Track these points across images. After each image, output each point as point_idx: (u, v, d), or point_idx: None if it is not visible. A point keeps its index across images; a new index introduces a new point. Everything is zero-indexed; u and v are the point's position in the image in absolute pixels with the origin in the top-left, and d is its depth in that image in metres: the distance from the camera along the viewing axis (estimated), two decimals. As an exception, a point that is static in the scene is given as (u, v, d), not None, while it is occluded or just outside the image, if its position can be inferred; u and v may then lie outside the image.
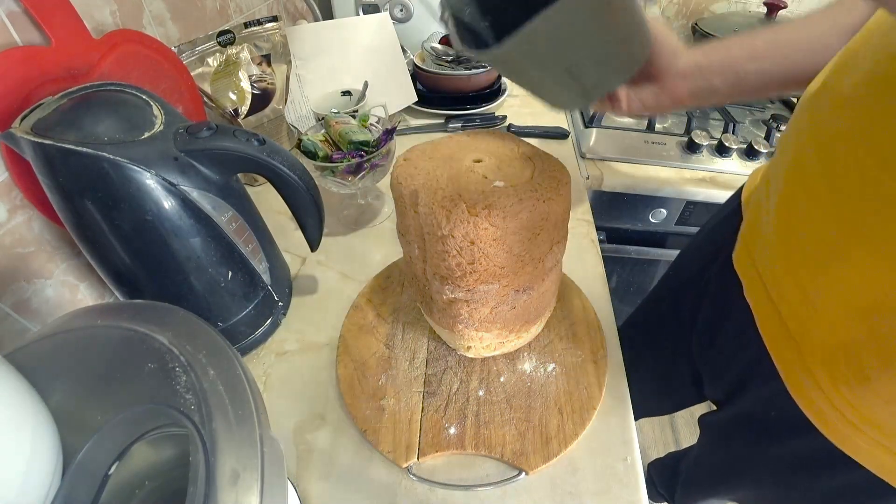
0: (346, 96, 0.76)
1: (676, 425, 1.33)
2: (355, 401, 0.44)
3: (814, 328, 0.35)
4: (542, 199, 0.35)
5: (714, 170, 0.85)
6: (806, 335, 0.36)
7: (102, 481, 0.24)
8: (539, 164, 0.38)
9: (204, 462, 0.20)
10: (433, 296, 0.41)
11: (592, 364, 0.46)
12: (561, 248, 0.41)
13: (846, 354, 0.33)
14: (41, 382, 0.23)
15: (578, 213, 0.66)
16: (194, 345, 0.25)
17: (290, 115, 0.78)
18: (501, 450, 0.40)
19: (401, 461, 0.39)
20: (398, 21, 1.00)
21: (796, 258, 0.36)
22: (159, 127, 0.39)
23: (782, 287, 0.38)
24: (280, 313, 0.52)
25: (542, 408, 0.43)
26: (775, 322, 0.39)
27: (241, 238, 0.44)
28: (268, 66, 0.69)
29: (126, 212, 0.37)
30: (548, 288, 0.42)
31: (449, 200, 0.34)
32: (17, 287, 0.43)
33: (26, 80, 0.41)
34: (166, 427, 0.24)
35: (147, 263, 0.41)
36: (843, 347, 0.33)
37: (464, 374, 0.46)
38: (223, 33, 0.63)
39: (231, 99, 0.65)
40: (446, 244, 0.35)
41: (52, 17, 0.43)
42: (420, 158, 0.40)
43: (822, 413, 0.36)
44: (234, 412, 0.22)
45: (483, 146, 0.42)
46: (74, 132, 0.35)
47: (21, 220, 0.43)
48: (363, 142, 0.57)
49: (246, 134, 0.41)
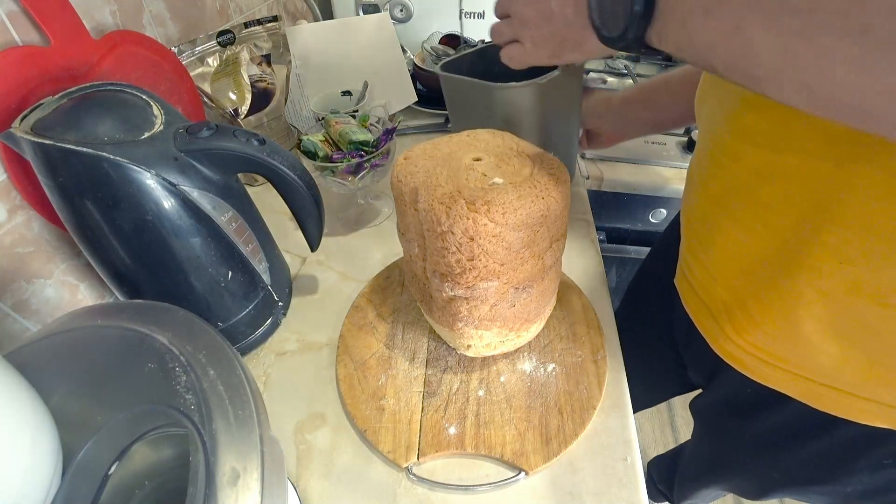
0: (346, 96, 0.76)
1: (676, 425, 1.33)
2: (355, 401, 0.44)
3: (714, 290, 0.43)
4: (542, 196, 0.35)
5: (714, 170, 0.85)
6: (710, 299, 0.44)
7: (102, 481, 0.24)
8: (538, 163, 0.39)
9: (204, 462, 0.20)
10: (433, 294, 0.41)
11: (592, 364, 0.46)
12: (560, 245, 0.41)
13: (738, 305, 0.40)
14: (41, 382, 0.23)
15: (578, 213, 0.66)
16: (194, 345, 0.25)
17: (290, 115, 0.78)
18: (501, 450, 0.40)
19: (401, 461, 0.39)
20: (398, 21, 1.00)
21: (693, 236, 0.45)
22: (159, 127, 0.39)
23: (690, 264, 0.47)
24: (280, 313, 0.52)
25: (542, 408, 0.43)
26: (692, 294, 0.47)
27: (241, 238, 0.44)
28: (268, 66, 0.69)
29: (126, 212, 0.37)
30: (547, 286, 0.42)
31: (448, 197, 0.34)
32: (16, 287, 0.43)
33: (26, 80, 0.41)
34: (166, 427, 0.24)
35: (147, 263, 0.41)
36: (735, 302, 0.40)
37: (464, 374, 0.46)
38: (223, 33, 0.63)
39: (231, 99, 0.65)
40: (446, 241, 0.35)
41: (52, 17, 0.43)
42: (420, 157, 0.40)
43: (739, 359, 0.42)
44: (234, 412, 0.22)
45: (482, 145, 0.42)
46: (74, 132, 0.35)
47: (21, 221, 0.43)
48: (363, 142, 0.57)
49: (246, 134, 0.41)
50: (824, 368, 0.36)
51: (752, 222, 0.36)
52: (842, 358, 0.34)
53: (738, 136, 0.36)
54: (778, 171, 0.33)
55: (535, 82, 0.49)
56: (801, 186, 0.31)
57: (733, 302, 0.41)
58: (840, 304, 0.33)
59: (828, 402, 0.38)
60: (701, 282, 0.45)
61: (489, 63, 0.64)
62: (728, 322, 0.42)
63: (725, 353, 0.43)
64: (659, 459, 1.00)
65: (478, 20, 1.01)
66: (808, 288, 0.34)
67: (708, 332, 0.45)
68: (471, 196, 0.34)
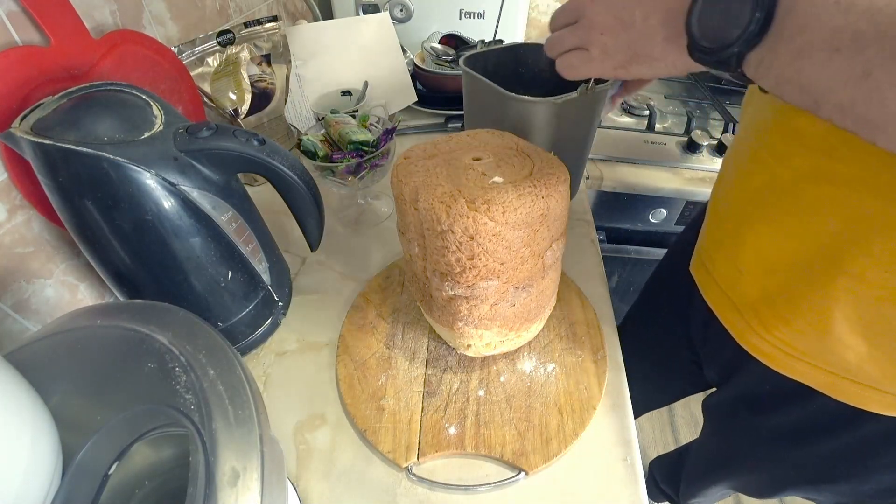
0: (346, 96, 0.76)
1: (676, 425, 1.33)
2: (355, 401, 0.44)
3: (740, 286, 0.43)
4: (541, 196, 0.35)
5: (714, 170, 0.85)
6: (735, 294, 0.44)
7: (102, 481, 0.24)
8: (538, 162, 0.39)
9: (204, 462, 0.20)
10: (433, 293, 0.41)
11: (592, 364, 0.46)
12: (560, 245, 0.41)
13: (767, 303, 0.41)
14: (41, 382, 0.23)
15: (578, 213, 0.66)
16: (194, 345, 0.25)
17: (290, 115, 0.78)
18: (501, 450, 0.40)
19: (400, 461, 0.39)
20: (398, 21, 1.00)
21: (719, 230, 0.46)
22: (159, 127, 0.39)
23: (713, 256, 0.47)
24: (280, 313, 0.52)
25: (542, 408, 0.43)
26: (713, 286, 0.47)
27: (241, 238, 0.44)
28: (268, 66, 0.69)
29: (126, 212, 0.37)
30: (547, 286, 0.42)
31: (448, 196, 0.34)
32: (16, 287, 0.43)
33: (26, 80, 0.41)
34: (166, 427, 0.24)
35: (147, 263, 0.41)
36: (764, 299, 0.41)
37: (464, 374, 0.46)
38: (223, 33, 0.63)
39: (231, 99, 0.65)
40: (446, 239, 0.35)
41: (52, 17, 0.43)
42: (420, 157, 0.40)
43: (765, 352, 0.43)
44: (234, 412, 0.22)
45: (482, 145, 0.42)
46: (74, 132, 0.35)
47: (21, 220, 0.43)
48: (363, 142, 0.57)
49: (246, 134, 0.41)
50: (849, 364, 0.36)
51: (790, 224, 0.36)
52: (869, 356, 0.35)
53: (786, 136, 0.35)
54: (826, 175, 0.32)
55: (550, 100, 0.47)
56: (851, 194, 0.31)
57: (761, 299, 0.41)
58: (878, 308, 0.33)
59: (852, 394, 0.38)
60: (725, 276, 0.45)
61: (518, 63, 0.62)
62: (755, 317, 0.42)
63: (751, 346, 0.44)
64: (662, 459, 0.99)
65: (478, 20, 1.01)
66: (846, 292, 0.34)
67: (732, 325, 0.45)
68: (471, 195, 0.34)
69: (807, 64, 0.23)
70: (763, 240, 0.39)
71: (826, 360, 0.38)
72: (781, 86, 0.25)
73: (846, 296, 0.34)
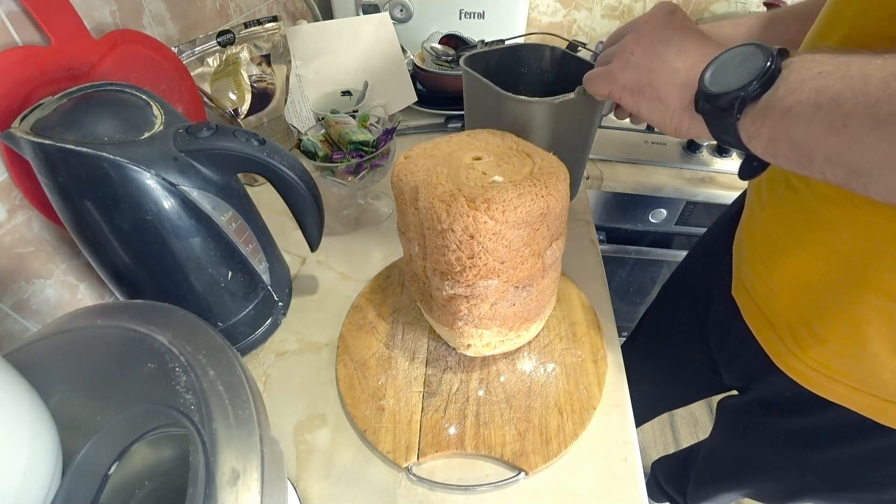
0: (346, 96, 0.76)
1: (676, 425, 1.33)
2: (355, 401, 0.44)
3: (776, 307, 0.43)
4: (541, 195, 0.35)
5: (714, 170, 0.85)
6: (773, 314, 0.44)
7: (102, 481, 0.24)
8: (538, 162, 0.39)
9: (204, 462, 0.20)
10: (433, 293, 0.41)
11: (592, 364, 0.46)
12: (560, 244, 0.41)
13: (802, 323, 0.41)
14: (41, 382, 0.23)
15: (578, 213, 0.66)
16: (194, 345, 0.25)
17: (290, 115, 0.78)
18: (501, 450, 0.40)
19: (400, 461, 0.39)
20: (398, 21, 1.00)
21: (755, 252, 0.46)
22: (159, 127, 0.39)
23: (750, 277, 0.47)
24: (280, 313, 0.52)
25: (542, 408, 0.43)
26: (752, 307, 0.47)
27: (240, 238, 0.44)
28: (268, 66, 0.69)
29: (126, 212, 0.37)
30: (547, 285, 0.42)
31: (448, 195, 0.34)
32: (16, 287, 0.43)
33: (26, 80, 0.41)
34: (166, 427, 0.24)
35: (147, 263, 0.41)
36: (798, 319, 0.41)
37: (464, 374, 0.46)
38: (223, 33, 0.63)
39: (231, 99, 0.65)
40: (446, 238, 0.35)
41: (52, 17, 0.43)
42: (420, 156, 0.40)
43: (800, 372, 0.43)
44: (233, 412, 0.22)
45: (482, 144, 0.42)
46: (74, 132, 0.35)
47: (21, 220, 0.43)
48: (363, 142, 0.57)
49: (246, 134, 0.41)
50: (888, 384, 0.36)
51: (815, 244, 0.37)
52: None
53: None
54: (847, 196, 0.33)
55: (548, 101, 0.48)
56: (871, 213, 0.32)
57: (797, 319, 0.41)
58: None
59: (892, 417, 0.38)
60: (762, 296, 0.45)
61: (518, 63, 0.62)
62: (791, 338, 0.42)
63: (789, 368, 0.43)
64: (666, 460, 0.99)
65: (478, 20, 1.01)
66: (876, 310, 0.34)
67: (771, 347, 0.45)
68: (471, 194, 0.34)
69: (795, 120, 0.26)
70: (792, 260, 0.40)
71: (864, 381, 0.38)
72: (775, 144, 0.28)
73: (876, 313, 0.34)
